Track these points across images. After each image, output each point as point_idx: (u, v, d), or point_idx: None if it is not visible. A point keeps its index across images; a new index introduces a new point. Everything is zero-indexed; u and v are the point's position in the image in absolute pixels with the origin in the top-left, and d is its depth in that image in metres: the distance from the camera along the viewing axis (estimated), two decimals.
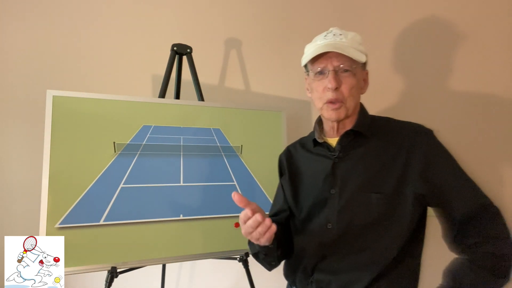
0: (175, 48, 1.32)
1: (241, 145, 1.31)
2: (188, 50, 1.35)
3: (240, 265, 1.25)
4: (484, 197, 0.71)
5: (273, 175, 1.33)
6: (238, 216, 1.09)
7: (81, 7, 1.50)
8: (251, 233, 0.67)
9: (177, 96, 1.39)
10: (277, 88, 1.65)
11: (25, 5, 1.46)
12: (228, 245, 1.23)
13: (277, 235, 0.73)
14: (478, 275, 0.66)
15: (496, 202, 0.71)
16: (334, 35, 0.77)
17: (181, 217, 1.18)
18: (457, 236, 0.71)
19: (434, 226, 0.78)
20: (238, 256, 1.25)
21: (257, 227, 0.66)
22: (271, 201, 1.30)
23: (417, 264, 0.77)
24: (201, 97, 1.35)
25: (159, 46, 1.50)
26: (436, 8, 1.58)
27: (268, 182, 1.31)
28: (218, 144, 1.27)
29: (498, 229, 0.68)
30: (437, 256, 0.82)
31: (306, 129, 1.01)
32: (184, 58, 1.36)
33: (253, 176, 1.30)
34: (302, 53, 0.83)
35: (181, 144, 1.22)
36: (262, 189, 1.30)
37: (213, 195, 1.23)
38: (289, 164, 0.93)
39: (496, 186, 1.50)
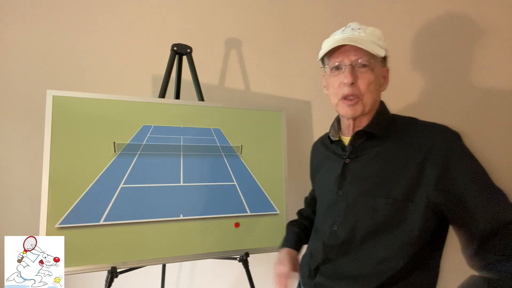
0: (175, 48, 1.32)
1: (241, 145, 1.31)
2: (188, 50, 1.35)
3: (240, 265, 1.25)
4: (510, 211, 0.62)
5: (273, 175, 1.33)
6: (238, 216, 1.15)
7: (81, 7, 1.50)
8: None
9: (177, 96, 1.39)
10: (277, 88, 1.65)
11: (25, 5, 1.46)
12: (228, 245, 1.23)
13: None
14: None
15: None
16: (352, 29, 0.74)
17: (181, 217, 1.18)
18: (477, 251, 0.64)
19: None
20: (238, 256, 1.25)
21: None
22: (271, 201, 1.31)
23: (432, 276, 0.70)
24: (201, 97, 1.35)
25: (159, 46, 1.50)
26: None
27: (268, 182, 1.31)
28: (218, 144, 1.27)
29: None
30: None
31: (306, 129, 1.01)
32: (184, 58, 1.36)
33: (253, 176, 1.30)
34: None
35: (181, 144, 1.22)
36: (262, 189, 1.30)
37: (213, 195, 1.23)
38: (312, 160, 1.00)
39: None
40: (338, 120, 0.85)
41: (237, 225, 1.25)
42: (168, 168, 1.19)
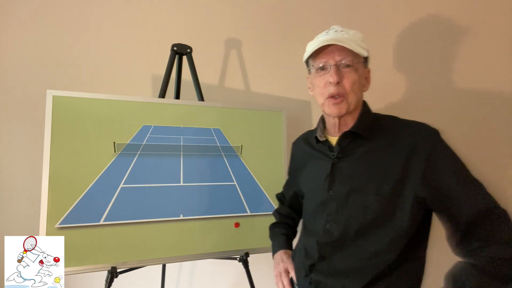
0: (175, 48, 1.32)
1: (241, 145, 1.31)
2: (188, 50, 1.35)
3: (240, 265, 1.25)
4: (491, 201, 0.67)
5: (273, 175, 1.33)
6: (238, 216, 1.16)
7: (81, 7, 1.50)
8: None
9: (177, 96, 1.39)
10: (277, 88, 1.65)
11: (25, 5, 1.46)
12: (228, 245, 1.23)
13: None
14: (482, 280, 0.63)
15: (504, 204, 0.67)
16: (335, 31, 0.77)
17: (181, 217, 1.18)
18: (462, 239, 0.68)
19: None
20: (238, 256, 1.25)
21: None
22: (271, 201, 1.31)
23: (420, 267, 0.75)
24: (201, 97, 1.35)
25: (159, 46, 1.50)
26: (437, 6, 1.57)
27: (268, 182, 1.31)
28: (218, 144, 1.27)
29: (504, 233, 0.64)
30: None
31: (306, 129, 1.02)
32: (184, 58, 1.36)
33: (253, 176, 1.30)
34: (303, 53, 0.83)
35: (181, 144, 1.22)
36: (262, 189, 1.30)
37: (213, 195, 1.23)
38: (293, 157, 1.01)
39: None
40: (323, 119, 0.88)
41: (237, 225, 1.25)
42: (168, 168, 1.19)
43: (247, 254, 1.24)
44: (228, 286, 1.58)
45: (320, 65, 0.77)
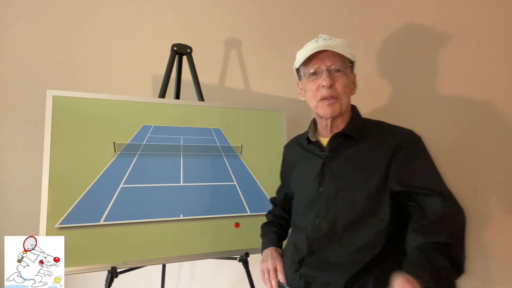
0: (175, 48, 1.32)
1: (241, 145, 1.31)
2: (188, 50, 1.35)
3: (240, 265, 1.25)
4: (455, 207, 0.73)
5: (273, 175, 1.33)
6: (238, 216, 1.17)
7: (81, 7, 1.50)
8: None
9: (177, 96, 1.39)
10: (277, 88, 1.65)
11: (25, 5, 1.46)
12: (228, 245, 1.23)
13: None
14: (429, 258, 0.67)
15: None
16: (324, 39, 0.83)
17: (181, 217, 1.18)
18: (418, 230, 0.73)
19: None
20: (238, 256, 1.25)
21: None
22: None
23: (403, 259, 0.75)
24: (201, 97, 1.36)
25: (159, 46, 1.50)
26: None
27: (268, 182, 1.31)
28: (218, 144, 1.27)
29: (454, 227, 0.71)
30: None
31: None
32: (184, 58, 1.36)
33: (253, 176, 1.30)
34: None
35: (181, 144, 1.22)
36: (262, 189, 1.30)
37: (213, 195, 1.23)
38: (285, 159, 1.05)
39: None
40: (314, 122, 0.94)
41: (237, 225, 1.25)
42: (168, 168, 1.19)
43: (247, 254, 1.24)
44: (228, 286, 1.58)
45: (312, 70, 0.83)
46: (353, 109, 0.89)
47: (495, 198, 1.51)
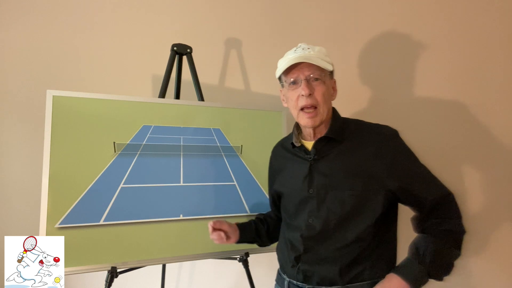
0: (175, 48, 1.32)
1: (241, 145, 1.31)
2: (188, 50, 1.35)
3: (240, 265, 1.25)
4: (445, 189, 0.84)
5: None
6: (238, 216, 1.18)
7: (81, 7, 1.50)
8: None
9: (177, 96, 1.39)
10: (277, 88, 1.63)
11: (25, 5, 1.46)
12: (228, 245, 1.23)
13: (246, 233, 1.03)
14: (437, 245, 0.79)
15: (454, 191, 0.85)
16: (303, 49, 0.86)
17: (181, 217, 1.18)
18: (425, 218, 0.85)
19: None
20: (238, 256, 1.25)
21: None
22: None
23: (393, 248, 0.89)
24: (201, 97, 1.36)
25: (159, 46, 1.50)
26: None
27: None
28: (218, 144, 1.27)
29: (453, 212, 0.83)
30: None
31: None
32: (184, 58, 1.36)
33: (253, 176, 1.30)
34: None
35: (181, 144, 1.22)
36: (262, 189, 1.30)
37: (213, 195, 1.23)
38: (272, 162, 1.08)
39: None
40: (297, 126, 0.97)
41: None
42: (168, 168, 1.19)
43: (247, 254, 1.24)
44: (228, 286, 1.58)
45: (292, 79, 0.86)
46: (333, 111, 0.93)
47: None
